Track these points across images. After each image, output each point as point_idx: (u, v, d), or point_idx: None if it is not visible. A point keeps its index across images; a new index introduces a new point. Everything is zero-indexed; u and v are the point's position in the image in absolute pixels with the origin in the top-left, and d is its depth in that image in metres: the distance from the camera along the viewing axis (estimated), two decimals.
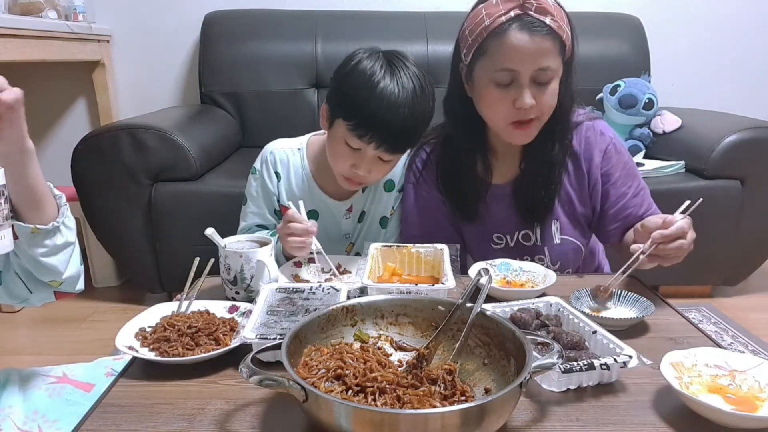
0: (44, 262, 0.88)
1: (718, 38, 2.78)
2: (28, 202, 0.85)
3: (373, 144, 1.13)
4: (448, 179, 1.29)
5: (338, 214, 1.33)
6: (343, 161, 1.18)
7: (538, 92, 1.09)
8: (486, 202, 1.28)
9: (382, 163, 1.18)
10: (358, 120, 1.12)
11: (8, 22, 1.92)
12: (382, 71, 1.11)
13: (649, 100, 2.33)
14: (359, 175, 1.18)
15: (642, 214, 1.24)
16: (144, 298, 2.28)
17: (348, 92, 1.14)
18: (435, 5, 2.64)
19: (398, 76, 1.12)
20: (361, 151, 1.15)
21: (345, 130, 1.14)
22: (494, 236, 1.30)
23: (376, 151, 1.14)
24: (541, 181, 1.24)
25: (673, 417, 0.73)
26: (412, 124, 1.14)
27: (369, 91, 1.10)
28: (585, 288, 1.04)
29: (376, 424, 0.60)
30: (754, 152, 2.05)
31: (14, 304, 0.98)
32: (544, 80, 1.09)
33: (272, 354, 0.74)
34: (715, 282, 2.27)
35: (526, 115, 1.11)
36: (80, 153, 1.97)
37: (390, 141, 1.13)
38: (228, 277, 1.05)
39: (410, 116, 1.12)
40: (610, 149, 1.26)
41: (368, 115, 1.10)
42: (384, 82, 1.10)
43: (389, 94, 1.10)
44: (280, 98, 2.53)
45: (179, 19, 2.68)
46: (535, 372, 0.67)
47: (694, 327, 0.99)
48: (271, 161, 1.32)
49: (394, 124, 1.11)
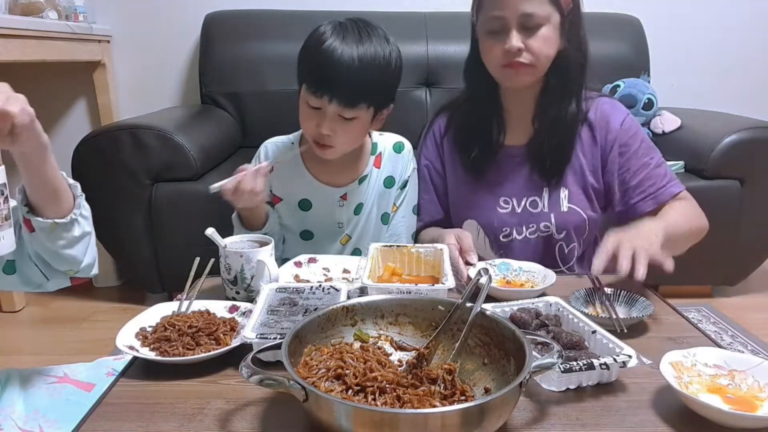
0: (64, 254, 0.90)
1: (718, 38, 2.78)
2: (46, 195, 0.86)
3: (325, 98, 1.17)
4: (464, 141, 1.34)
5: (331, 201, 1.34)
6: (308, 122, 1.23)
7: (527, 37, 1.15)
8: (498, 163, 1.31)
9: (345, 121, 1.20)
10: (311, 78, 1.18)
11: (8, 23, 1.92)
12: (337, 32, 1.17)
13: (648, 101, 2.33)
14: (324, 135, 1.21)
15: (665, 185, 1.25)
16: (144, 298, 2.28)
17: (305, 55, 1.21)
18: (435, 5, 2.64)
19: (354, 35, 1.17)
20: (321, 109, 1.19)
21: (304, 91, 1.20)
22: (501, 200, 1.31)
23: (333, 106, 1.17)
24: (554, 141, 1.26)
25: (673, 417, 0.73)
26: (366, 77, 1.17)
27: (322, 51, 1.15)
28: (585, 288, 1.04)
29: (376, 423, 0.60)
30: (753, 152, 2.05)
31: (29, 290, 0.99)
32: (531, 25, 1.15)
33: (272, 354, 0.74)
34: (715, 282, 2.27)
35: (515, 57, 1.16)
36: (81, 153, 1.97)
37: (344, 95, 1.17)
38: (228, 277, 1.05)
39: (364, 70, 1.16)
40: (628, 121, 1.29)
41: (322, 72, 1.16)
42: (337, 42, 1.16)
43: (342, 52, 1.15)
44: (280, 98, 2.52)
45: (180, 19, 2.68)
46: (534, 372, 0.67)
47: (693, 327, 0.99)
48: (264, 154, 1.36)
49: (347, 78, 1.15)
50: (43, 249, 0.90)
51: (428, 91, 2.54)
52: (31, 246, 0.92)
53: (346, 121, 1.20)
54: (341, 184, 1.34)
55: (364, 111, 1.21)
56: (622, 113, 1.29)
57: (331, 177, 1.33)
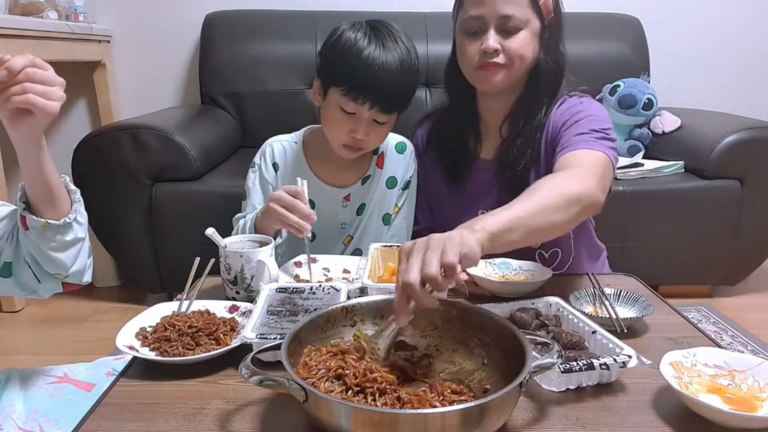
0: (52, 257, 0.90)
1: (718, 38, 2.78)
2: (42, 195, 0.87)
3: (367, 105, 1.16)
4: (441, 150, 1.34)
5: (334, 201, 1.34)
6: (340, 128, 1.21)
7: (504, 39, 1.14)
8: (471, 175, 1.30)
9: (378, 125, 1.22)
10: (350, 84, 1.16)
11: (9, 23, 1.92)
12: (366, 37, 1.17)
13: (648, 101, 2.33)
14: (357, 140, 1.21)
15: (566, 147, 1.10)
16: (144, 298, 2.28)
17: (337, 60, 1.19)
18: (435, 5, 2.64)
19: (383, 39, 1.18)
20: (357, 114, 1.18)
21: (339, 96, 1.18)
22: (478, 211, 1.29)
23: (371, 113, 1.18)
24: (516, 152, 1.23)
25: (673, 417, 0.73)
26: (401, 82, 1.18)
27: (356, 57, 1.15)
28: (585, 288, 1.04)
29: (376, 424, 0.60)
30: (753, 152, 2.05)
31: (24, 296, 0.99)
32: (510, 28, 1.14)
33: (272, 354, 0.74)
34: (715, 282, 2.27)
35: (490, 58, 1.15)
36: (81, 153, 1.98)
37: (383, 100, 1.17)
38: (228, 277, 1.05)
39: (399, 75, 1.17)
40: (567, 104, 1.20)
41: (359, 78, 1.15)
42: (370, 48, 1.16)
43: (377, 57, 1.15)
44: (280, 98, 2.53)
45: (179, 19, 2.68)
46: (534, 372, 0.67)
47: (693, 327, 0.99)
48: (269, 153, 1.34)
49: (385, 84, 1.16)
50: (35, 248, 0.90)
51: (428, 91, 2.54)
52: (25, 246, 0.92)
53: (379, 125, 1.22)
54: (345, 184, 1.34)
55: (395, 114, 1.23)
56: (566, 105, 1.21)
57: (335, 178, 1.33)
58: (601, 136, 1.11)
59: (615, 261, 1.41)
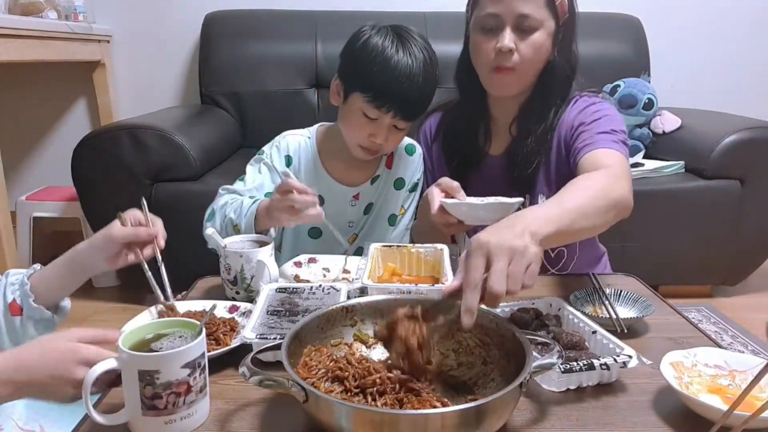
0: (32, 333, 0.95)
1: (718, 39, 2.78)
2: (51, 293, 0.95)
3: (391, 113, 1.18)
4: (449, 145, 1.34)
5: (344, 200, 1.35)
6: (360, 131, 1.23)
7: (519, 40, 1.13)
8: (480, 172, 1.30)
9: (397, 131, 1.24)
10: (375, 92, 1.17)
11: (8, 23, 1.92)
12: (393, 45, 1.18)
13: (648, 101, 2.33)
14: (376, 144, 1.23)
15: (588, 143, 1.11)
16: (144, 298, 2.28)
17: (363, 67, 1.19)
18: (435, 5, 2.64)
19: (409, 47, 1.19)
20: (378, 120, 1.20)
21: (363, 101, 1.19)
22: None
23: (393, 120, 1.20)
24: (527, 152, 1.23)
25: (673, 417, 0.73)
26: (425, 91, 1.21)
27: (384, 65, 1.16)
28: (585, 288, 1.04)
29: (376, 424, 0.60)
30: (753, 152, 2.05)
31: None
32: (526, 28, 1.13)
33: (272, 354, 0.74)
34: (715, 282, 2.27)
35: (506, 59, 1.14)
36: (80, 153, 1.97)
37: (406, 109, 1.20)
38: (228, 277, 1.05)
39: (423, 85, 1.19)
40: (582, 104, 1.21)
41: (386, 87, 1.17)
42: (397, 56, 1.17)
43: (404, 67, 1.16)
44: (280, 98, 2.53)
45: (179, 19, 2.68)
46: (535, 372, 0.67)
47: (693, 327, 0.99)
48: (284, 146, 1.34)
49: (410, 93, 1.18)
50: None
51: None
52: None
53: (398, 130, 1.24)
54: (355, 183, 1.35)
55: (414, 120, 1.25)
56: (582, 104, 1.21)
57: (346, 176, 1.34)
58: (622, 139, 1.14)
59: (615, 261, 1.41)
